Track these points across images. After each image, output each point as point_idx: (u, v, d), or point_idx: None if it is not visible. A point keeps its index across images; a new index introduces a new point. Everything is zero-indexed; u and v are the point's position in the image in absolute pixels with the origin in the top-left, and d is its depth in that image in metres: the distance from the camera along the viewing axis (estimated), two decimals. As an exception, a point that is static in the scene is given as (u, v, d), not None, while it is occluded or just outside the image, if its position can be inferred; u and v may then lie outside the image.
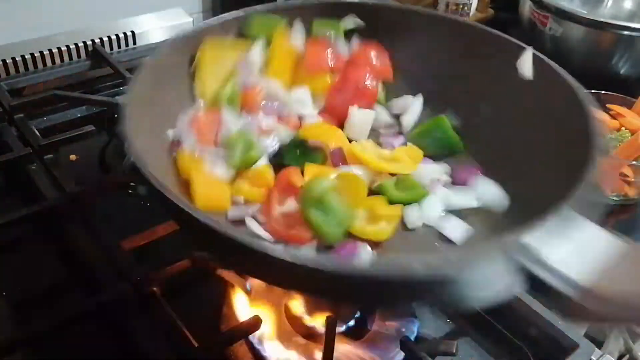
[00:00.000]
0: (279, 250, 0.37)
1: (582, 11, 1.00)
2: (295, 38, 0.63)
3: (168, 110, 0.55)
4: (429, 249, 0.53)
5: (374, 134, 0.63)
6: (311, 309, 0.55)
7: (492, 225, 0.53)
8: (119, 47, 0.93)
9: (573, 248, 0.34)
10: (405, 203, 0.55)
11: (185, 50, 0.58)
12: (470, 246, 0.51)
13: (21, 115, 0.77)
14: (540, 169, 0.52)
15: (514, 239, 0.35)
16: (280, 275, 0.39)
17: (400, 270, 0.34)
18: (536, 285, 0.34)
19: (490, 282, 0.34)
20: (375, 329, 0.56)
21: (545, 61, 0.55)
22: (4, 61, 0.84)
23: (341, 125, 0.62)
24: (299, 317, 0.55)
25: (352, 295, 0.41)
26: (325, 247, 0.50)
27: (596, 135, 0.46)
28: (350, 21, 0.64)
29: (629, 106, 0.78)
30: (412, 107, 0.64)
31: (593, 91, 0.80)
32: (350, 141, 0.60)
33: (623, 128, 0.76)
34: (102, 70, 0.89)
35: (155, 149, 0.50)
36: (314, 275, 0.34)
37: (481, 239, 0.52)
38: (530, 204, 0.47)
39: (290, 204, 0.51)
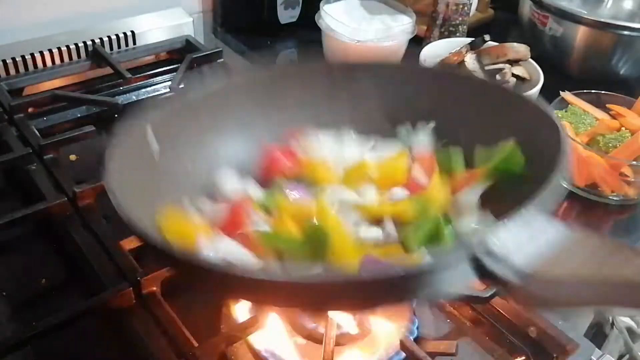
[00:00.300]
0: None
1: (582, 11, 0.99)
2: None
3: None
4: None
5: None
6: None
7: None
8: (119, 47, 0.93)
9: (523, 238, 0.37)
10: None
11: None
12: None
13: (21, 115, 0.77)
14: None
15: (471, 234, 0.39)
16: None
17: (384, 271, 0.36)
18: (485, 274, 0.36)
19: (456, 276, 0.37)
20: (376, 330, 0.56)
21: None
22: (4, 61, 0.83)
23: None
24: (299, 318, 0.55)
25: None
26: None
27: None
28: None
29: (629, 106, 0.78)
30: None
31: (593, 91, 0.80)
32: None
33: (623, 128, 0.76)
34: (102, 70, 0.89)
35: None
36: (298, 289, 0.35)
37: None
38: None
39: None
